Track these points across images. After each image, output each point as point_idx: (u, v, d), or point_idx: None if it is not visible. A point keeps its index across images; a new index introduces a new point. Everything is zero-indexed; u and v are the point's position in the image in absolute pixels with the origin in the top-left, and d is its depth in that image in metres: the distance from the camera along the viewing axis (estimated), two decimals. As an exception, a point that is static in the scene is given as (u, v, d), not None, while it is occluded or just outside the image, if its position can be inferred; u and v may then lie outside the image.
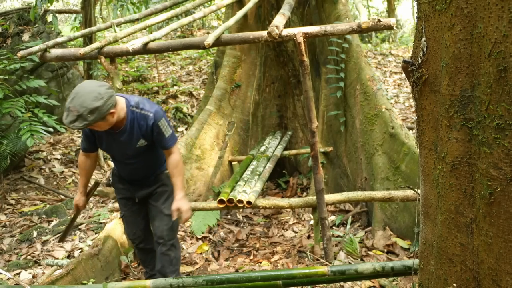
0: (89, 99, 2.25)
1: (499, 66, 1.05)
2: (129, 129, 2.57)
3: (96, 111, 2.27)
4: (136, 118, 2.56)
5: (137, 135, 2.59)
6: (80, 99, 2.26)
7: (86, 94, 2.27)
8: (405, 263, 2.34)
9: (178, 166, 2.69)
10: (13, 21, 6.52)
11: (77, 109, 2.25)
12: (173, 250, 2.91)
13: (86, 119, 2.26)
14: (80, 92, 2.28)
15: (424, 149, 1.40)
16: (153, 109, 2.58)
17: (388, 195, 3.43)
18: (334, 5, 4.92)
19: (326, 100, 5.03)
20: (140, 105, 2.56)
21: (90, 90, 2.29)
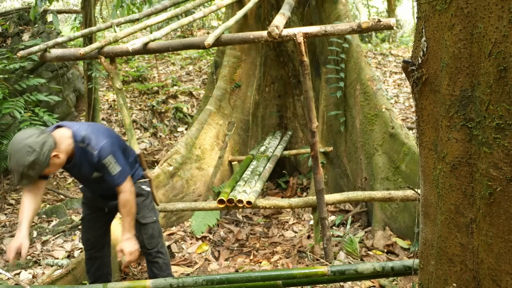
0: (22, 156, 2.17)
1: (499, 66, 1.05)
2: (79, 163, 2.47)
3: (34, 165, 2.19)
4: (84, 153, 2.44)
5: (89, 168, 2.50)
6: (15, 158, 2.18)
7: (18, 152, 2.18)
8: (405, 263, 2.34)
9: (127, 206, 2.55)
10: (13, 21, 6.52)
11: (17, 168, 2.18)
12: (160, 257, 2.88)
13: (30, 175, 2.20)
14: (12, 151, 2.20)
15: (424, 149, 1.40)
16: (98, 145, 2.42)
17: (388, 195, 3.43)
18: (334, 5, 4.92)
19: (326, 100, 5.03)
20: (86, 141, 2.41)
21: (20, 146, 2.18)
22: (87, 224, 2.85)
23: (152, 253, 2.84)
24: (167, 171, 4.41)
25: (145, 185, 2.84)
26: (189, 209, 3.81)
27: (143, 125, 7.24)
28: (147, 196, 2.83)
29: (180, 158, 4.60)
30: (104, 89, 8.29)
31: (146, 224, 2.78)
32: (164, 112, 7.55)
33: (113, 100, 7.82)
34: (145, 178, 2.88)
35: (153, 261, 2.86)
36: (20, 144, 2.18)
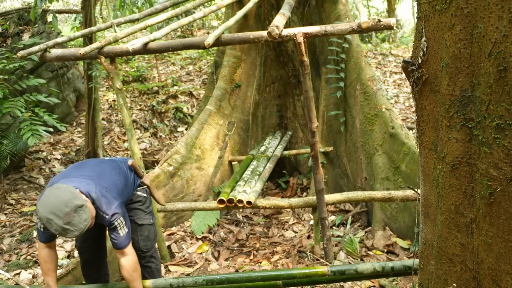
0: (77, 216, 2.21)
1: (499, 66, 1.05)
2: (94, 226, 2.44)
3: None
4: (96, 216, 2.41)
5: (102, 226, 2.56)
6: (69, 218, 2.19)
7: (70, 212, 2.18)
8: (405, 263, 2.34)
9: (137, 269, 2.53)
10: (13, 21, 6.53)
11: (78, 226, 2.20)
12: (153, 262, 2.86)
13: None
14: (60, 213, 2.18)
15: (424, 149, 1.40)
16: (110, 209, 2.41)
17: (388, 195, 3.43)
18: (334, 5, 4.92)
19: (326, 100, 5.03)
20: (97, 203, 2.38)
21: (69, 207, 2.19)
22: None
23: (145, 257, 2.82)
24: (167, 171, 4.41)
25: (141, 192, 2.84)
26: (189, 209, 3.81)
27: (143, 125, 7.24)
28: (144, 202, 2.83)
29: (180, 158, 4.60)
30: (104, 89, 8.29)
31: (142, 225, 2.77)
32: (164, 112, 7.55)
33: (113, 100, 7.82)
34: (142, 185, 2.86)
35: (145, 265, 2.82)
36: (68, 205, 2.16)
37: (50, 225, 2.15)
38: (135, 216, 2.75)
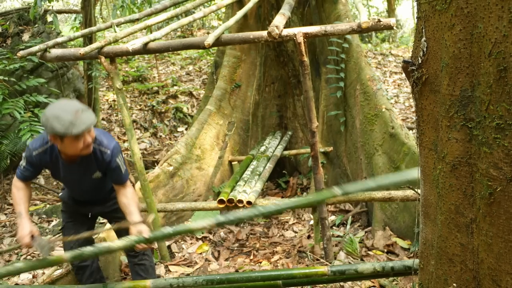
0: (88, 115, 2.28)
1: (499, 66, 1.05)
2: (86, 162, 2.48)
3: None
4: (94, 152, 2.45)
5: (93, 167, 2.52)
6: (84, 116, 2.24)
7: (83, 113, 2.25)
8: (405, 263, 2.34)
9: (135, 197, 2.61)
10: (13, 21, 6.52)
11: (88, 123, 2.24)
12: (146, 259, 2.87)
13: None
14: (73, 116, 2.23)
15: (424, 149, 1.40)
16: (110, 145, 2.48)
17: (388, 195, 3.43)
18: (334, 5, 4.92)
19: (326, 100, 5.03)
20: (97, 141, 2.44)
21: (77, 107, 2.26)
22: (70, 232, 2.75)
23: (138, 255, 2.82)
24: (167, 171, 4.41)
25: None
26: (189, 209, 3.81)
27: (143, 125, 7.24)
28: None
29: (180, 158, 4.60)
30: (104, 89, 8.29)
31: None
32: (164, 112, 7.55)
33: (113, 100, 7.82)
34: None
35: (139, 263, 2.83)
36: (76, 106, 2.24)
37: (57, 121, 2.16)
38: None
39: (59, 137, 2.22)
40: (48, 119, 2.18)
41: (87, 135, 2.28)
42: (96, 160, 2.48)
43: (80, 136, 2.24)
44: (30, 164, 2.48)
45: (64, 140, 2.23)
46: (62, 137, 2.22)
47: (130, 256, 2.86)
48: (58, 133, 2.18)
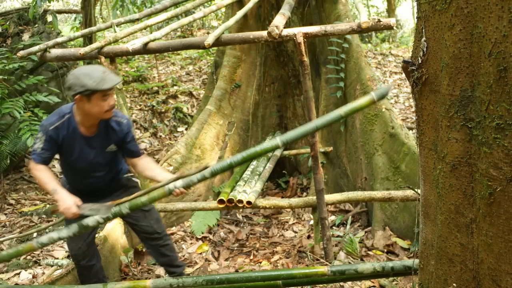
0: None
1: (499, 66, 1.05)
2: (103, 133, 2.53)
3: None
4: (109, 123, 2.52)
5: (109, 140, 2.56)
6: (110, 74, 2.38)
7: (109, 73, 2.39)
8: (405, 263, 2.34)
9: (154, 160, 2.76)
10: (13, 21, 6.52)
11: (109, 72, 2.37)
12: (169, 239, 2.96)
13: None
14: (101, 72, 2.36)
15: (424, 149, 1.40)
16: (125, 116, 2.59)
17: (388, 195, 3.43)
18: (334, 5, 4.92)
19: (326, 100, 5.03)
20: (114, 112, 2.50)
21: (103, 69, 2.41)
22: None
23: (163, 237, 2.88)
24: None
25: (135, 177, 2.91)
26: (189, 209, 3.81)
27: (143, 125, 7.24)
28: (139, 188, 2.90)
29: (180, 158, 4.59)
30: (104, 89, 8.27)
31: (149, 210, 2.83)
32: (164, 112, 7.55)
33: (113, 100, 7.80)
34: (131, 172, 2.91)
35: (164, 244, 2.90)
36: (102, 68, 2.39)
37: (88, 77, 2.27)
38: None
39: (86, 96, 2.29)
40: (78, 77, 2.28)
41: (112, 96, 2.38)
42: (113, 132, 2.55)
43: (108, 95, 2.34)
44: (47, 142, 2.45)
45: (92, 98, 2.31)
46: (90, 95, 2.29)
47: (154, 239, 2.87)
48: (89, 89, 2.26)
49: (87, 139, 2.52)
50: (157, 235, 2.85)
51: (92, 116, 2.41)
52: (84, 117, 2.44)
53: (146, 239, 2.89)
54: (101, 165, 2.63)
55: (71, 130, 2.47)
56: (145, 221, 2.80)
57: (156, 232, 2.84)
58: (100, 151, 2.57)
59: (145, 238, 2.89)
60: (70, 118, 2.46)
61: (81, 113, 2.43)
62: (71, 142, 2.49)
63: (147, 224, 2.80)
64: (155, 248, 2.91)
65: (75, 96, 2.31)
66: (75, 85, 2.28)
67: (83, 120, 2.45)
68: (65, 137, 2.47)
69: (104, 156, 2.60)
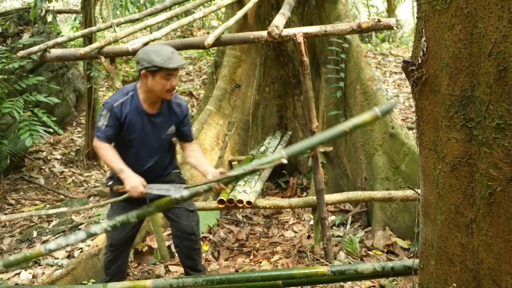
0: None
1: (499, 66, 1.05)
2: (166, 112, 2.59)
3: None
4: (170, 104, 2.60)
5: (171, 121, 2.62)
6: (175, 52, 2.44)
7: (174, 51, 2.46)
8: (405, 263, 2.34)
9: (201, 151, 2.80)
10: (13, 21, 6.53)
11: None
12: (200, 243, 2.98)
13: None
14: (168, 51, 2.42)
15: (424, 149, 1.40)
16: (183, 99, 2.68)
17: (388, 195, 3.42)
18: (334, 5, 4.92)
19: (326, 100, 5.03)
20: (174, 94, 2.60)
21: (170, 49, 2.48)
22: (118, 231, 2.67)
23: (197, 240, 2.90)
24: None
25: (182, 175, 2.91)
26: (189, 209, 3.80)
27: (143, 125, 7.23)
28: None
29: (180, 158, 4.59)
30: (104, 89, 8.29)
31: (193, 211, 2.85)
32: (164, 112, 7.54)
33: (113, 100, 7.80)
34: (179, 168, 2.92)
35: (195, 248, 2.91)
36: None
37: (156, 54, 2.35)
38: (185, 203, 2.78)
39: (152, 72, 2.37)
40: (147, 53, 2.37)
41: (175, 77, 2.44)
42: (175, 113, 2.61)
43: (172, 75, 2.40)
44: (111, 118, 2.47)
45: (157, 75, 2.37)
46: (156, 72, 2.36)
47: (189, 240, 2.86)
48: (155, 65, 2.33)
49: (150, 116, 2.55)
50: (194, 237, 2.86)
51: (154, 93, 2.47)
52: (147, 94, 2.50)
53: (181, 238, 2.88)
54: (158, 146, 2.64)
55: (134, 106, 2.51)
56: (187, 221, 2.81)
57: (194, 234, 2.85)
58: (160, 131, 2.61)
59: (181, 237, 2.87)
60: (134, 96, 2.52)
61: (144, 90, 2.49)
62: (134, 118, 2.52)
63: (188, 224, 2.81)
64: (186, 250, 2.90)
65: (141, 71, 2.40)
66: (143, 60, 2.37)
67: (145, 97, 2.51)
68: (128, 113, 2.50)
69: (163, 137, 2.63)
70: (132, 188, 2.36)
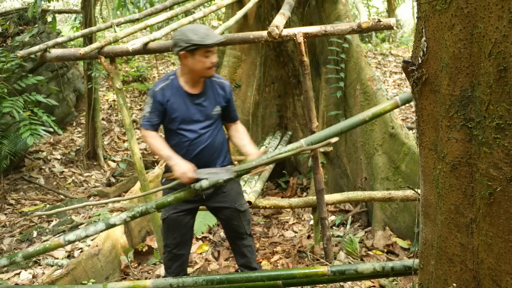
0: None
1: (499, 66, 1.05)
2: (209, 92, 2.59)
3: None
4: (212, 85, 2.61)
5: (214, 101, 2.61)
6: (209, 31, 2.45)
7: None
8: (405, 263, 2.34)
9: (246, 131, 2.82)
10: (13, 21, 6.53)
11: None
12: (252, 240, 2.97)
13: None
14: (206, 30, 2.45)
15: (424, 149, 1.40)
16: (225, 79, 2.70)
17: (388, 195, 3.42)
18: (334, 5, 4.91)
19: (326, 100, 5.03)
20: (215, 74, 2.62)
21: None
22: (173, 223, 2.71)
23: (249, 238, 2.90)
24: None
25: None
26: (189, 209, 3.80)
27: (143, 125, 7.22)
28: (240, 184, 2.91)
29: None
30: (104, 89, 8.29)
31: (245, 211, 2.83)
32: (164, 112, 7.53)
33: (113, 100, 7.81)
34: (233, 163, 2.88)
35: (248, 244, 2.91)
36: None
37: (193, 32, 2.38)
38: (236, 203, 2.77)
39: (191, 51, 2.39)
40: (184, 33, 2.39)
41: (214, 54, 2.47)
42: (218, 93, 2.62)
43: (210, 51, 2.43)
44: (154, 104, 2.50)
45: (196, 54, 2.40)
46: (194, 51, 2.38)
47: (241, 239, 2.87)
48: (194, 43, 2.35)
49: (192, 97, 2.55)
50: (244, 236, 2.87)
51: (195, 72, 2.48)
52: (187, 76, 2.52)
53: (233, 238, 2.89)
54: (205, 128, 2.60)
55: (176, 89, 2.53)
56: (238, 221, 2.80)
57: (245, 233, 2.85)
58: (207, 111, 2.59)
59: (233, 236, 2.88)
60: (174, 80, 2.55)
61: (185, 71, 2.51)
62: (176, 101, 2.53)
63: (239, 225, 2.80)
64: (239, 248, 2.91)
65: (180, 53, 2.41)
66: (181, 41, 2.39)
67: (187, 78, 2.53)
68: (170, 96, 2.52)
69: (209, 118, 2.60)
70: (182, 174, 2.36)
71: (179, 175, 2.37)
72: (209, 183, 2.39)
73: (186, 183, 2.39)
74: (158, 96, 2.50)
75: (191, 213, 2.76)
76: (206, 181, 2.39)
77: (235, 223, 2.79)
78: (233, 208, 2.76)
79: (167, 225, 2.73)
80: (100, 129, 6.35)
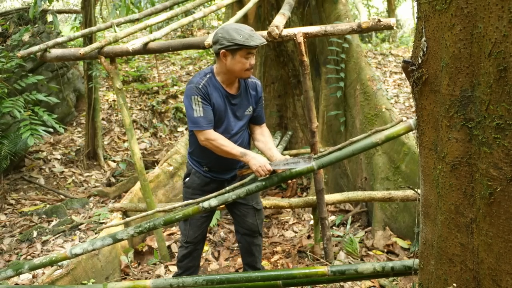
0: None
1: (499, 66, 1.05)
2: (243, 93, 2.57)
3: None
4: (246, 85, 2.58)
5: (248, 101, 2.59)
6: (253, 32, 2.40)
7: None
8: (405, 263, 2.34)
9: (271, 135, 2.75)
10: (13, 21, 6.53)
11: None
12: (262, 239, 2.98)
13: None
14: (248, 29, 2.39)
15: (424, 149, 1.40)
16: (256, 79, 2.66)
17: (388, 195, 3.42)
18: (334, 5, 4.92)
19: (326, 100, 5.03)
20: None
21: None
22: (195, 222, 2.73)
23: (259, 238, 2.91)
24: (167, 171, 4.41)
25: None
26: (189, 209, 3.80)
27: (143, 125, 7.24)
28: None
29: (180, 158, 4.59)
30: (104, 89, 8.29)
31: (260, 210, 2.84)
32: (164, 112, 7.55)
33: (113, 100, 7.81)
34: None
35: (258, 244, 2.91)
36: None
37: (237, 32, 2.32)
38: (253, 201, 2.78)
39: (232, 51, 2.34)
40: (228, 31, 2.33)
41: (254, 56, 2.42)
42: (250, 94, 2.59)
43: (251, 53, 2.38)
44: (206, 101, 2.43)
45: (237, 54, 2.35)
46: (236, 50, 2.33)
47: (253, 237, 2.87)
48: (237, 43, 2.30)
49: (231, 97, 2.53)
50: (256, 235, 2.87)
51: (233, 73, 2.43)
52: (225, 75, 2.47)
53: (245, 235, 2.88)
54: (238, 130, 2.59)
55: (215, 88, 2.48)
56: (253, 219, 2.81)
57: (258, 232, 2.86)
58: (240, 112, 2.57)
59: (245, 233, 2.88)
60: (212, 77, 2.48)
61: (222, 71, 2.46)
62: (218, 100, 2.48)
63: (254, 222, 2.81)
64: (248, 246, 2.91)
65: (220, 51, 2.35)
66: (223, 39, 2.33)
67: (224, 78, 2.48)
68: (212, 94, 2.46)
69: (241, 119, 2.59)
70: (260, 167, 2.32)
71: (257, 168, 2.33)
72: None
73: (264, 176, 2.35)
74: (204, 92, 2.43)
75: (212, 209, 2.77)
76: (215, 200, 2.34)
77: (249, 220, 2.80)
78: (250, 206, 2.78)
79: (190, 224, 2.74)
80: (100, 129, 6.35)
